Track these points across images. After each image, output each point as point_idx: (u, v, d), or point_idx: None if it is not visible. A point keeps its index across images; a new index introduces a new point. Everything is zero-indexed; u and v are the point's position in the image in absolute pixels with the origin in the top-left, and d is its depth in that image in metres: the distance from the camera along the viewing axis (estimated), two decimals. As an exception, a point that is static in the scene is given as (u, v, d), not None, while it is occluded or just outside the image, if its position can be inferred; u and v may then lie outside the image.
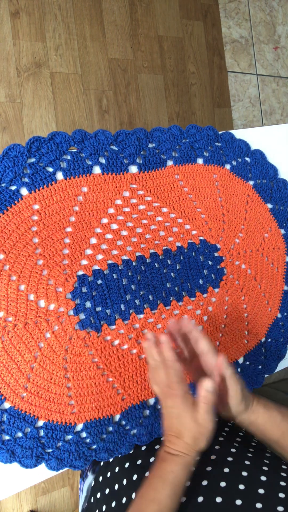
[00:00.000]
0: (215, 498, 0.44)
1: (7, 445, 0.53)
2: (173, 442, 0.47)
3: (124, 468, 0.56)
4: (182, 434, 0.46)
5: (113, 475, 0.56)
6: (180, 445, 0.46)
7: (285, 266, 0.75)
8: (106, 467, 0.59)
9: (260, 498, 0.43)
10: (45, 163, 0.58)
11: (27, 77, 1.40)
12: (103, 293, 0.60)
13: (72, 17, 1.49)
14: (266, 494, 0.44)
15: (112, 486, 0.55)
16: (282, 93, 1.94)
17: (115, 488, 0.54)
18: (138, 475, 0.53)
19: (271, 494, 0.44)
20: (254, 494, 0.44)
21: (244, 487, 0.45)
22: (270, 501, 0.43)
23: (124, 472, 0.56)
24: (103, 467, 0.60)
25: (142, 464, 0.55)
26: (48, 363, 0.56)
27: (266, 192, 0.74)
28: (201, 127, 0.69)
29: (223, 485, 0.46)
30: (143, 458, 0.56)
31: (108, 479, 0.57)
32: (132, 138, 0.63)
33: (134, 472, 0.54)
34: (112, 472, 0.57)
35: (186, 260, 0.66)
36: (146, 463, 0.55)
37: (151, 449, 0.57)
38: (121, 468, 0.56)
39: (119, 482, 0.54)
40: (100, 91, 1.52)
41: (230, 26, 1.83)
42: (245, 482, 0.46)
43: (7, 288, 0.55)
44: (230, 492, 0.45)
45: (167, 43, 1.67)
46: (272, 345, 0.73)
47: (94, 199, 0.61)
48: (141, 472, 0.53)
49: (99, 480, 0.58)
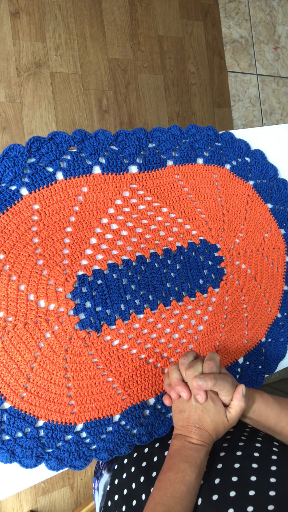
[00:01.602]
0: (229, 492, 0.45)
1: (7, 445, 0.53)
2: (196, 433, 0.50)
3: (141, 467, 0.56)
4: (207, 426, 0.50)
5: (129, 475, 0.57)
6: (204, 436, 0.49)
7: (285, 266, 0.76)
8: (121, 469, 0.59)
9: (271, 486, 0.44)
10: (45, 163, 0.58)
11: (27, 77, 1.41)
12: (103, 293, 0.60)
13: (72, 17, 1.49)
14: (278, 482, 0.44)
15: (129, 486, 0.55)
16: (282, 93, 1.94)
17: (132, 487, 0.55)
18: (156, 472, 0.54)
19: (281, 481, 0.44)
20: (266, 483, 0.45)
21: (256, 479, 0.46)
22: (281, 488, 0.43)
23: (141, 471, 0.56)
24: (118, 470, 0.60)
25: (159, 460, 0.55)
26: (48, 363, 0.56)
27: (266, 192, 0.74)
28: (201, 127, 0.69)
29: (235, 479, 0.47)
30: (158, 454, 0.56)
31: (125, 480, 0.57)
32: (132, 138, 0.63)
33: (151, 470, 0.55)
34: (128, 472, 0.58)
35: (186, 260, 0.66)
36: (162, 459, 0.55)
37: (165, 445, 0.57)
38: (138, 467, 0.57)
39: (136, 481, 0.55)
40: (100, 91, 1.52)
41: (230, 26, 1.83)
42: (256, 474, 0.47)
43: (7, 288, 0.55)
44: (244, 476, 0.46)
45: (167, 43, 1.67)
46: (272, 345, 0.73)
47: (94, 199, 0.61)
48: (158, 469, 0.54)
49: (115, 483, 0.59)
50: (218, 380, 0.49)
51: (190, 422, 0.50)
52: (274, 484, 0.43)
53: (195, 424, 0.50)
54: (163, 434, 0.60)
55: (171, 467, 0.47)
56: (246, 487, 0.44)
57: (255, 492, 0.43)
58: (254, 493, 0.43)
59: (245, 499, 0.43)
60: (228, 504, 0.43)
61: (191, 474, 0.46)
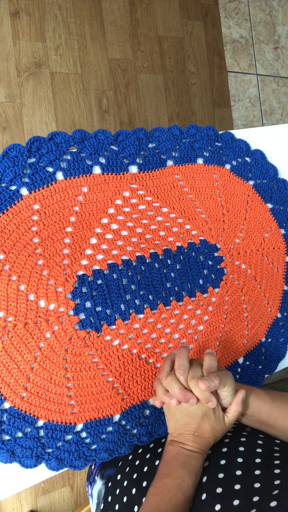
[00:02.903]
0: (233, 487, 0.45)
1: (7, 445, 0.53)
2: (194, 440, 0.49)
3: (132, 479, 0.56)
4: (206, 433, 0.49)
5: (122, 490, 0.56)
6: (202, 444, 0.49)
7: (285, 266, 0.76)
8: (115, 486, 0.58)
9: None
10: (45, 163, 0.58)
11: (27, 77, 1.41)
12: (103, 293, 0.60)
13: (72, 17, 1.49)
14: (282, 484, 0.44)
15: (121, 501, 0.55)
16: (282, 93, 1.94)
17: (124, 501, 0.54)
18: (147, 482, 0.53)
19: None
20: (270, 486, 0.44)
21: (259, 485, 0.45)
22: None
23: (132, 483, 0.55)
24: (111, 486, 0.59)
25: (149, 470, 0.55)
26: (48, 363, 0.56)
27: (266, 192, 0.74)
28: (201, 127, 0.69)
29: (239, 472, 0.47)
30: (148, 464, 0.56)
31: (117, 495, 0.56)
32: (132, 138, 0.63)
33: (142, 480, 0.54)
34: (120, 487, 0.57)
35: (186, 260, 0.66)
36: (153, 468, 0.54)
37: (156, 455, 0.57)
38: (130, 480, 0.56)
39: (128, 494, 0.54)
40: (100, 91, 1.52)
41: (230, 26, 1.83)
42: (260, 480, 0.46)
43: (7, 288, 0.55)
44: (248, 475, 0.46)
45: (167, 43, 1.67)
46: (272, 345, 0.73)
47: (94, 199, 0.61)
48: (149, 478, 0.53)
49: (108, 500, 0.58)
50: (221, 376, 0.49)
51: (188, 431, 0.49)
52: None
53: (194, 433, 0.49)
54: (163, 434, 0.60)
55: (169, 474, 0.46)
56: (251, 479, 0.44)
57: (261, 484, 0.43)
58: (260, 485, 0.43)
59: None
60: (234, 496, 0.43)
61: (188, 482, 0.45)
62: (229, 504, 0.42)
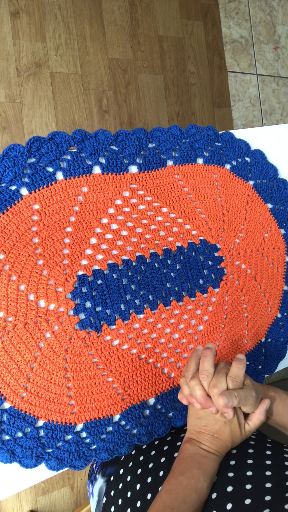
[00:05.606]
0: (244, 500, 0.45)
1: (7, 445, 0.53)
2: (212, 442, 0.49)
3: (136, 474, 0.56)
4: (225, 437, 0.49)
5: (125, 484, 0.56)
6: (220, 446, 0.48)
7: (285, 266, 0.76)
8: (117, 480, 0.58)
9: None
10: (45, 163, 0.58)
11: (27, 77, 1.41)
12: (103, 293, 0.60)
13: (72, 17, 1.49)
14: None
15: (125, 495, 0.55)
16: (282, 93, 1.94)
17: (127, 496, 0.54)
18: (152, 478, 0.53)
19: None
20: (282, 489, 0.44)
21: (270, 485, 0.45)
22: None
23: (136, 478, 0.55)
24: (114, 481, 0.59)
25: (154, 467, 0.55)
26: (48, 363, 0.56)
27: (266, 192, 0.74)
28: (201, 127, 0.69)
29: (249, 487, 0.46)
30: (153, 461, 0.56)
31: (121, 490, 0.57)
32: (132, 138, 0.63)
33: (146, 476, 0.54)
34: (124, 481, 0.57)
35: (186, 260, 0.66)
36: (158, 465, 0.55)
37: (161, 452, 0.57)
38: (133, 475, 0.56)
39: (132, 489, 0.54)
40: (100, 91, 1.52)
41: (230, 26, 1.83)
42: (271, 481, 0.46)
43: (7, 288, 0.55)
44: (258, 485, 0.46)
45: (167, 43, 1.67)
46: (272, 345, 0.73)
47: (94, 199, 0.61)
48: (154, 474, 0.53)
49: (111, 494, 0.58)
50: (242, 397, 0.47)
51: (207, 431, 0.49)
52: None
53: (213, 434, 0.49)
54: (163, 434, 0.60)
55: (184, 472, 0.46)
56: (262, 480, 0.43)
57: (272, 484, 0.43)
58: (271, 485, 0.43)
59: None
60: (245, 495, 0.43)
61: (203, 483, 0.45)
62: (241, 503, 0.42)
